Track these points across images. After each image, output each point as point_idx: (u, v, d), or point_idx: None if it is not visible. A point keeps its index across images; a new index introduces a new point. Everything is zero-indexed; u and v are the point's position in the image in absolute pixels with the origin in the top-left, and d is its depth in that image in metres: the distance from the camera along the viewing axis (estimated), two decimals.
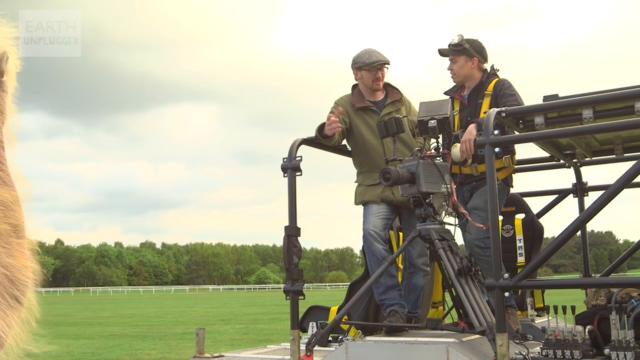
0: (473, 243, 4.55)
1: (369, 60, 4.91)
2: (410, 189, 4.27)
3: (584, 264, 5.91)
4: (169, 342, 14.96)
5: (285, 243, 4.37)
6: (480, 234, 4.47)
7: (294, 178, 4.48)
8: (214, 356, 4.51)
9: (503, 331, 3.55)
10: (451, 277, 4.09)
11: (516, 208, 5.56)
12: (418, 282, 4.81)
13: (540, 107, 4.02)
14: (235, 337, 15.58)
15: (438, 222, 4.29)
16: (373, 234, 4.65)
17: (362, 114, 4.93)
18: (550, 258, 4.17)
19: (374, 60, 4.91)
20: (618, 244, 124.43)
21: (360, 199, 4.89)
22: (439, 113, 4.33)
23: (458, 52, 4.86)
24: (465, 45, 4.83)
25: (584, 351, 3.61)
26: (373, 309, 5.01)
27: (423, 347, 3.79)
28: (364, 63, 4.92)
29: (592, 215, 3.72)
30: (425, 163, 4.27)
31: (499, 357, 3.52)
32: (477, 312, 3.85)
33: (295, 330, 4.26)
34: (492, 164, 3.74)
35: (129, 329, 19.62)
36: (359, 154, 4.95)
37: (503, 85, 4.75)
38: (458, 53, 4.87)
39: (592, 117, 3.85)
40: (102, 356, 12.34)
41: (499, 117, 3.87)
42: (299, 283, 4.37)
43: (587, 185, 5.79)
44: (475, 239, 4.53)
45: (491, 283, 3.69)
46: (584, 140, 4.95)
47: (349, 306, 4.32)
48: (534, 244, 5.51)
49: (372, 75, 4.92)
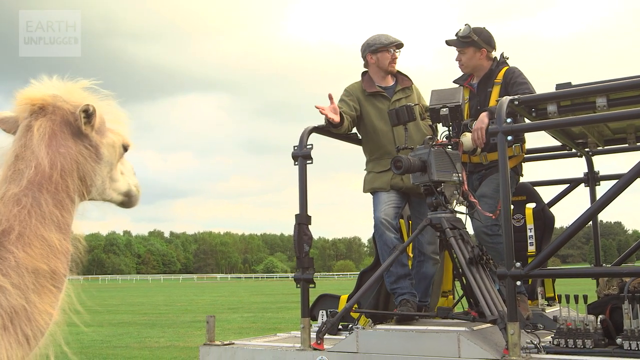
0: (480, 230, 4.53)
1: (387, 41, 4.92)
2: (422, 177, 4.25)
3: (595, 253, 5.88)
4: (178, 330, 15.04)
5: (296, 231, 4.36)
6: (488, 222, 4.44)
7: (304, 166, 4.46)
8: (225, 344, 4.51)
9: (514, 320, 3.54)
10: (462, 266, 4.07)
11: (527, 197, 5.53)
12: (428, 271, 4.80)
13: (553, 95, 3.98)
14: (244, 326, 15.64)
15: (449, 210, 4.26)
16: (385, 223, 4.63)
17: (373, 99, 4.90)
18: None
19: (392, 40, 4.93)
20: (627, 234, 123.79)
21: (369, 186, 4.87)
22: (451, 101, 4.30)
23: (466, 43, 4.80)
24: (473, 37, 4.76)
25: (595, 340, 3.60)
26: (383, 298, 5.01)
27: (434, 335, 3.78)
28: (381, 44, 4.92)
29: (605, 205, 3.68)
30: (437, 151, 4.24)
31: (511, 346, 3.51)
32: (488, 301, 3.83)
33: (305, 318, 4.26)
34: (504, 152, 3.72)
35: (137, 316, 19.74)
36: (369, 140, 4.93)
37: (514, 74, 4.70)
38: (466, 45, 4.81)
39: (606, 105, 3.81)
40: (111, 344, 12.42)
41: (512, 105, 3.84)
42: (310, 271, 4.37)
43: (598, 174, 5.75)
44: (482, 227, 4.50)
45: (503, 272, 3.68)
46: (597, 128, 4.91)
47: (360, 294, 4.32)
48: (545, 234, 5.47)
49: (389, 56, 4.92)
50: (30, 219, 1.91)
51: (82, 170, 2.07)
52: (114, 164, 2.23)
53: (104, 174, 2.18)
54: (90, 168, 2.10)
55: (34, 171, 1.95)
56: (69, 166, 2.02)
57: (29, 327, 1.87)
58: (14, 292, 1.83)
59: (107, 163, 2.18)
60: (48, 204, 1.95)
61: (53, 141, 2.01)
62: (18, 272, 1.86)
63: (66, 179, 2.00)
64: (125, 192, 2.34)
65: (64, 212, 2.00)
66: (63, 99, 2.07)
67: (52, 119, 2.04)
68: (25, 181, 1.94)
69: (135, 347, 12.00)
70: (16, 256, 1.87)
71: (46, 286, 1.93)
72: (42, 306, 1.91)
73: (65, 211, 2.00)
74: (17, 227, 1.89)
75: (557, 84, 4.21)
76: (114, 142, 2.21)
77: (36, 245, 1.90)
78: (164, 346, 12.04)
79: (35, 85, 2.11)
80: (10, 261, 1.86)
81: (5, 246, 1.87)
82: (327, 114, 4.53)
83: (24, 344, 1.85)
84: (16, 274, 1.85)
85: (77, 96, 2.11)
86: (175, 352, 11.10)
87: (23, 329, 1.85)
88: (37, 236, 1.91)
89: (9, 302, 1.82)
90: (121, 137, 2.25)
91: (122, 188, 2.32)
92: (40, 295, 1.91)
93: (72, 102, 2.08)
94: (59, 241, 1.96)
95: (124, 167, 2.34)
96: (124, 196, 2.35)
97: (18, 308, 1.84)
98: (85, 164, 2.08)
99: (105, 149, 2.16)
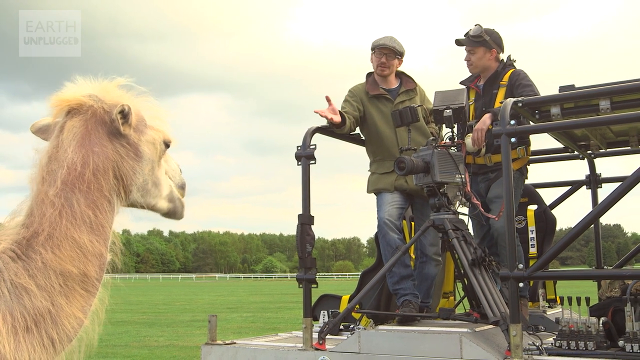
0: (503, 231, 4.46)
1: (376, 43, 4.92)
2: (425, 178, 4.25)
3: (596, 256, 5.88)
4: (177, 330, 15.04)
5: (299, 231, 4.36)
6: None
7: (307, 166, 4.46)
8: (226, 343, 4.52)
9: (517, 322, 3.54)
10: (465, 267, 4.07)
11: (529, 199, 5.53)
12: (430, 272, 4.80)
13: (556, 98, 3.99)
14: (243, 325, 15.64)
15: (452, 212, 4.27)
16: (388, 223, 4.63)
17: (376, 101, 4.90)
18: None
19: (380, 43, 4.90)
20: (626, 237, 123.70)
21: (373, 187, 4.88)
22: (455, 102, 4.31)
23: (477, 43, 4.79)
24: (485, 37, 4.76)
25: (597, 343, 3.60)
26: (385, 298, 5.01)
27: (436, 336, 3.78)
28: (373, 45, 4.94)
29: (608, 208, 3.69)
30: (440, 153, 4.24)
31: (513, 348, 3.51)
32: (490, 303, 3.84)
33: (307, 318, 4.27)
34: (508, 153, 3.72)
35: (137, 315, 19.72)
36: (372, 142, 4.93)
37: (519, 76, 4.70)
38: (477, 44, 4.80)
39: (609, 108, 3.81)
40: (110, 342, 12.40)
41: (516, 107, 3.84)
42: (312, 271, 4.37)
43: (600, 177, 5.76)
44: (502, 227, 4.45)
45: (506, 273, 3.68)
46: (599, 131, 4.92)
47: (362, 295, 4.32)
48: (546, 236, 5.48)
49: (377, 59, 4.91)
50: (61, 220, 1.88)
51: (120, 169, 2.03)
52: (155, 162, 2.17)
53: (146, 172, 2.12)
54: (129, 167, 2.05)
55: (66, 171, 1.92)
56: (103, 165, 1.98)
57: (55, 330, 1.83)
58: (39, 293, 1.80)
59: (148, 161, 2.13)
60: (80, 204, 1.91)
61: (86, 140, 1.98)
62: (45, 274, 1.83)
63: (99, 178, 1.96)
64: (168, 195, 2.27)
65: (98, 213, 1.96)
66: (98, 98, 2.04)
67: (85, 118, 2.01)
68: (60, 182, 1.91)
69: (135, 346, 11.99)
70: (44, 257, 1.84)
71: (75, 289, 1.89)
72: (69, 310, 1.87)
73: (99, 211, 1.96)
74: (47, 228, 1.86)
75: (561, 87, 4.22)
76: (154, 139, 2.16)
77: (65, 246, 1.87)
78: (163, 345, 12.03)
79: (69, 86, 2.07)
80: (37, 262, 1.83)
81: (33, 247, 1.85)
82: (326, 115, 4.52)
83: (49, 347, 1.82)
84: (42, 276, 1.82)
85: (113, 94, 2.07)
86: (174, 351, 11.10)
87: (48, 332, 1.82)
88: (67, 237, 1.87)
89: (33, 304, 1.79)
90: (161, 133, 2.19)
91: (165, 191, 2.25)
92: (69, 299, 1.87)
93: (107, 101, 2.05)
94: (90, 243, 1.92)
95: (168, 167, 2.29)
96: (169, 201, 2.29)
97: (43, 310, 1.81)
98: (123, 163, 2.04)
99: (145, 147, 2.11)
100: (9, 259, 1.82)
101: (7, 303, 1.75)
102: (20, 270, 1.81)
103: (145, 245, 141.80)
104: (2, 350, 1.68)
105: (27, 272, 1.80)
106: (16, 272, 1.80)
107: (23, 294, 1.78)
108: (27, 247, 1.85)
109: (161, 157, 2.20)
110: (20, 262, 1.83)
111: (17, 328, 1.75)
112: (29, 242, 1.85)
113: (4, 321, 1.72)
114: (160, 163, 2.20)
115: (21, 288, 1.79)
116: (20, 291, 1.78)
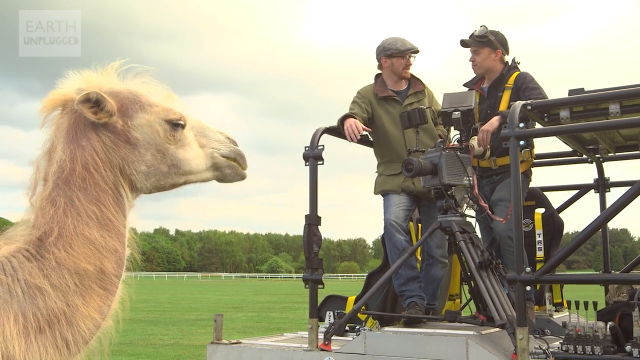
0: (505, 234, 4.47)
1: (403, 47, 4.89)
2: (432, 180, 4.25)
3: (604, 260, 5.85)
4: (182, 328, 15.06)
5: (306, 232, 4.36)
6: (511, 225, 4.41)
7: (315, 167, 4.46)
8: (232, 342, 4.52)
9: (523, 325, 3.53)
10: (472, 270, 4.06)
11: (536, 202, 5.51)
12: (436, 274, 4.79)
13: (566, 101, 3.97)
14: (248, 325, 15.65)
15: (459, 214, 4.26)
16: (395, 225, 4.63)
17: (385, 103, 4.90)
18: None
19: (408, 47, 4.90)
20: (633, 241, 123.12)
21: (380, 189, 4.88)
22: (463, 105, 4.30)
23: (482, 43, 4.80)
24: (490, 37, 4.77)
25: (604, 347, 3.58)
26: (391, 300, 5.00)
27: (442, 339, 3.78)
28: (397, 50, 4.89)
29: (616, 212, 3.68)
30: (448, 155, 4.24)
31: (519, 351, 3.50)
32: (497, 306, 3.83)
33: (313, 319, 4.27)
34: (516, 156, 3.71)
35: (142, 314, 19.74)
36: (380, 144, 4.93)
37: (525, 79, 4.69)
38: (482, 44, 4.81)
39: (619, 111, 3.79)
40: (115, 340, 12.41)
41: (524, 110, 3.83)
42: (319, 272, 4.37)
43: (608, 181, 5.73)
44: (507, 230, 4.43)
45: (513, 276, 3.67)
46: (608, 135, 4.89)
47: (368, 296, 4.31)
48: (554, 239, 5.46)
49: (404, 62, 4.90)
50: (66, 218, 1.84)
51: (113, 160, 1.95)
52: (161, 144, 2.01)
53: (148, 158, 2.00)
54: (123, 155, 1.96)
55: (58, 169, 1.90)
56: (92, 158, 1.91)
57: (70, 331, 1.79)
58: (53, 294, 1.76)
59: (147, 145, 2.00)
60: (80, 200, 1.87)
61: (72, 135, 1.93)
62: (59, 273, 1.79)
63: (92, 172, 1.90)
64: (208, 166, 2.13)
65: (103, 207, 1.90)
66: (81, 90, 1.95)
67: (69, 113, 1.96)
68: (51, 181, 1.89)
69: (140, 344, 12.01)
70: (57, 256, 1.81)
71: (92, 288, 1.85)
72: (85, 310, 1.83)
73: (104, 206, 1.90)
74: (55, 227, 1.83)
75: (570, 90, 4.20)
76: (149, 121, 2.00)
77: (77, 244, 1.83)
78: (168, 344, 12.05)
79: (60, 84, 2.02)
80: (50, 261, 1.80)
81: (46, 247, 1.82)
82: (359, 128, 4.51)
83: (63, 348, 1.78)
84: (57, 275, 1.79)
85: (107, 84, 2.00)
86: (179, 350, 11.12)
87: (62, 333, 1.78)
88: (77, 234, 1.83)
89: (46, 305, 1.75)
90: (159, 112, 2.03)
91: (196, 166, 2.10)
92: (85, 298, 1.83)
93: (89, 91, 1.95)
94: (102, 238, 1.88)
95: (205, 140, 2.14)
96: (214, 170, 2.15)
97: (57, 311, 1.77)
98: (113, 153, 1.95)
99: (137, 132, 1.98)
100: (24, 259, 1.80)
101: (20, 303, 1.72)
102: (34, 270, 1.78)
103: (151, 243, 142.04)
104: (12, 351, 1.65)
105: (42, 272, 1.78)
106: (30, 272, 1.77)
107: (37, 294, 1.75)
108: (40, 246, 1.83)
109: (171, 136, 2.04)
110: (35, 261, 1.80)
111: (29, 329, 1.71)
112: (42, 242, 1.83)
113: (16, 322, 1.69)
114: (174, 143, 2.04)
115: (35, 288, 1.76)
116: (34, 291, 1.75)
